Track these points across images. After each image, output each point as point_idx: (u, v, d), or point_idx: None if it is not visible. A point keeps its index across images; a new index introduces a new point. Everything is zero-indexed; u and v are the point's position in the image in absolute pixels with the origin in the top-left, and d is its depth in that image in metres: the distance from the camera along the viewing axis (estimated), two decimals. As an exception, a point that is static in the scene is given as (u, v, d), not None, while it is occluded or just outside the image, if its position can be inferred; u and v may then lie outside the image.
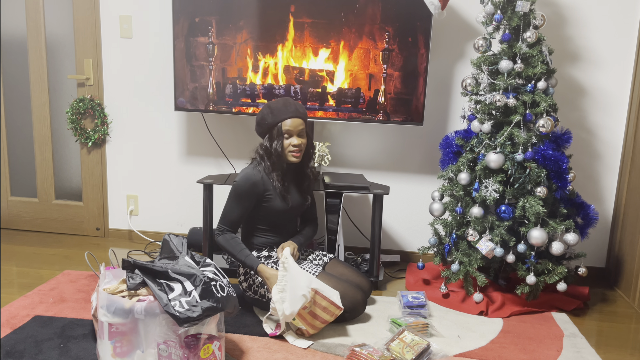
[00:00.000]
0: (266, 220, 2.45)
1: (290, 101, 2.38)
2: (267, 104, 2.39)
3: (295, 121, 2.34)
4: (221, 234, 2.39)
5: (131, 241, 3.44)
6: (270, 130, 2.36)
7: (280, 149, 2.34)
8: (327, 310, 2.20)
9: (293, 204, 2.43)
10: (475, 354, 2.19)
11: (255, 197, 2.38)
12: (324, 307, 2.19)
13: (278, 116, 2.33)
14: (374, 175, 3.20)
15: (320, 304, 2.18)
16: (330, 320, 2.22)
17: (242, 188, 2.36)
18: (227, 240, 2.37)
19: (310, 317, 2.18)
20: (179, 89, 2.99)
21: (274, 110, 2.34)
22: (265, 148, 2.37)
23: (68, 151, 3.47)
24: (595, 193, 3.08)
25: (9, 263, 3.00)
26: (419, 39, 2.79)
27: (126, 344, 1.84)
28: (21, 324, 2.24)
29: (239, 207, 2.38)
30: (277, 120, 2.33)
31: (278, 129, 2.33)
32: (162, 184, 3.38)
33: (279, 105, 2.35)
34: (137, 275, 1.86)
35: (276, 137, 2.34)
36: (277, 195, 2.38)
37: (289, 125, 2.33)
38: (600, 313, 2.68)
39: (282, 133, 2.33)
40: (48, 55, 3.33)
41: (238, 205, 2.38)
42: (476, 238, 2.52)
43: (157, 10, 3.14)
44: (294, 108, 2.35)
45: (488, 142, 2.53)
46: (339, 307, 2.21)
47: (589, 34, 2.92)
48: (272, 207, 2.40)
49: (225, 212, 2.41)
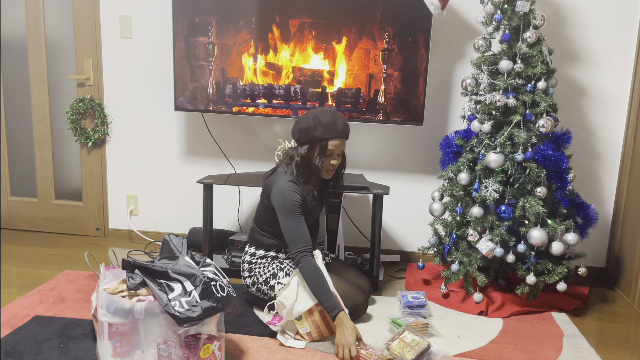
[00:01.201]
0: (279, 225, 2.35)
1: (338, 117, 2.27)
2: (316, 115, 2.25)
3: (343, 142, 2.28)
4: (304, 256, 2.18)
5: (131, 241, 3.44)
6: (313, 143, 2.25)
7: (321, 166, 2.27)
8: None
9: (313, 213, 2.40)
10: (475, 354, 2.19)
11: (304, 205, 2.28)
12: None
13: (327, 133, 2.23)
14: (374, 175, 3.20)
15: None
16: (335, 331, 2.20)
17: (295, 200, 2.24)
18: (311, 273, 2.15)
19: (322, 321, 2.17)
20: (179, 89, 2.99)
21: (324, 125, 2.23)
22: (303, 158, 2.27)
23: (68, 151, 3.47)
24: (595, 193, 3.08)
25: (9, 263, 3.00)
26: (419, 39, 2.79)
27: (126, 344, 1.84)
28: (21, 324, 2.24)
29: (301, 219, 2.24)
30: (325, 137, 2.23)
31: (323, 147, 2.24)
32: (162, 184, 3.38)
33: (329, 121, 2.23)
34: (137, 275, 1.86)
35: (319, 153, 2.25)
36: (305, 205, 2.30)
37: (336, 145, 2.25)
38: (600, 313, 2.68)
39: (326, 151, 2.25)
40: (48, 55, 3.33)
41: (299, 218, 2.24)
42: (476, 238, 2.52)
43: (157, 10, 3.14)
44: (342, 128, 2.26)
45: (488, 142, 2.53)
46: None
47: (589, 34, 2.92)
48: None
49: (294, 234, 2.22)
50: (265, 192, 2.37)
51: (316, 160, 2.26)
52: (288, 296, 2.16)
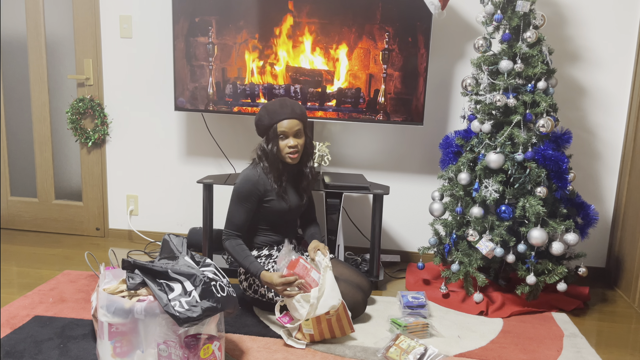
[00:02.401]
0: (266, 220, 2.45)
1: (286, 102, 2.36)
2: (264, 105, 2.38)
3: (291, 122, 2.32)
4: (228, 239, 2.37)
5: (131, 241, 3.44)
6: (267, 131, 2.35)
7: (276, 150, 2.33)
8: (342, 328, 2.20)
9: (292, 204, 2.43)
10: (475, 354, 2.18)
11: (256, 198, 2.37)
12: (342, 323, 2.20)
13: (273, 117, 2.32)
14: (374, 175, 3.20)
15: (342, 319, 2.19)
16: (338, 336, 2.21)
17: (242, 190, 2.36)
18: (233, 247, 2.35)
19: (326, 326, 2.17)
20: (179, 89, 2.99)
21: (270, 111, 2.33)
22: (262, 149, 2.37)
23: (68, 151, 3.47)
24: (595, 193, 3.08)
25: (9, 263, 3.00)
26: (419, 39, 2.79)
27: (126, 344, 1.84)
28: (21, 324, 2.24)
29: (242, 209, 2.37)
30: (273, 122, 2.32)
31: (274, 131, 2.32)
32: (162, 184, 3.38)
33: (275, 107, 2.34)
34: (137, 275, 1.86)
35: (272, 138, 2.33)
36: (275, 195, 2.38)
37: (285, 126, 2.32)
38: (600, 313, 2.68)
39: (277, 135, 2.32)
40: (48, 55, 3.33)
41: (241, 207, 2.37)
42: (476, 238, 2.52)
43: (157, 10, 3.14)
44: (289, 109, 2.33)
45: (488, 142, 2.53)
46: (352, 329, 2.23)
47: (589, 34, 2.92)
48: (271, 207, 2.39)
49: (229, 217, 2.39)
50: None
51: (271, 145, 2.34)
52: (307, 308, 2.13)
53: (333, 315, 2.16)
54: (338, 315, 2.17)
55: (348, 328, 2.22)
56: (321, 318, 2.15)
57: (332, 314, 2.15)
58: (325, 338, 2.20)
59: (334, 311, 2.14)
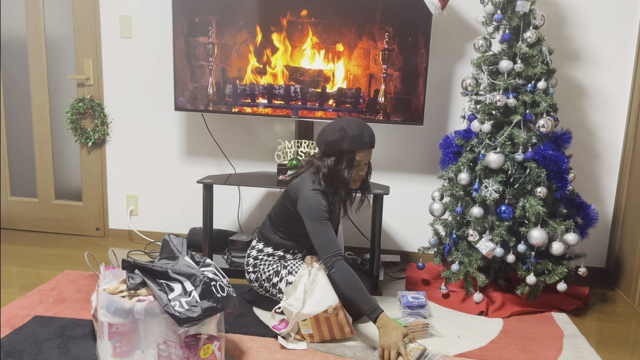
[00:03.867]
0: (296, 229, 2.35)
1: (365, 128, 2.23)
2: (342, 127, 2.21)
3: (369, 152, 2.26)
4: (336, 261, 2.14)
5: (131, 241, 3.44)
6: (340, 155, 2.22)
7: (349, 177, 2.25)
8: (342, 329, 2.20)
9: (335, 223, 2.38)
10: (475, 354, 2.18)
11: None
12: (341, 324, 2.19)
13: (354, 145, 2.19)
14: (374, 175, 3.17)
15: (340, 320, 2.19)
16: (338, 337, 2.21)
17: (322, 209, 2.21)
18: (346, 278, 2.12)
19: (325, 325, 2.17)
20: (178, 89, 2.99)
21: (351, 137, 2.19)
22: (330, 170, 2.24)
23: (68, 151, 3.47)
24: (595, 193, 3.08)
25: (9, 263, 3.00)
26: (419, 39, 2.79)
27: (126, 344, 1.84)
28: (21, 324, 2.24)
29: (328, 225, 2.21)
30: (352, 150, 2.20)
31: (350, 159, 2.22)
32: (162, 184, 3.38)
33: (355, 132, 2.19)
34: (137, 276, 1.86)
35: (347, 165, 2.22)
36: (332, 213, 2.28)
37: (362, 156, 2.24)
38: (600, 313, 2.68)
39: (354, 162, 2.22)
40: (48, 55, 3.33)
41: (327, 224, 2.21)
42: (476, 238, 2.52)
43: (157, 10, 3.14)
44: (369, 139, 2.22)
45: (488, 142, 2.53)
46: (353, 331, 2.23)
47: (589, 34, 2.92)
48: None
49: (320, 239, 2.19)
50: (289, 197, 2.33)
51: (344, 172, 2.23)
52: (293, 304, 2.15)
53: (332, 314, 2.15)
54: (338, 317, 2.17)
55: (348, 331, 2.22)
56: (320, 318, 2.15)
57: (330, 312, 2.14)
58: (325, 340, 2.20)
59: (332, 309, 2.14)
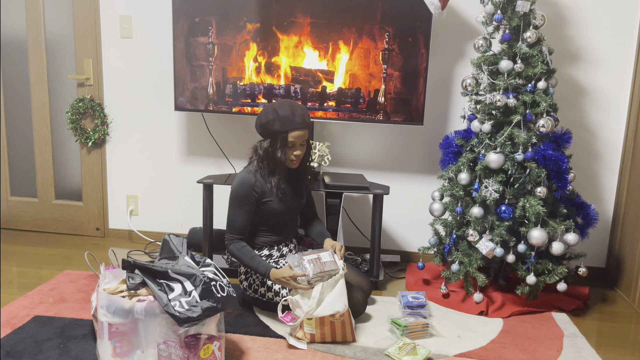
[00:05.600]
0: (265, 221, 2.44)
1: (297, 109, 2.28)
2: (274, 109, 2.27)
3: (302, 132, 2.29)
4: (231, 243, 2.35)
5: (131, 241, 3.44)
6: (274, 136, 2.28)
7: (284, 158, 2.30)
8: (345, 334, 2.20)
9: (290, 204, 2.43)
10: (475, 354, 2.18)
11: (254, 200, 2.35)
12: (345, 330, 2.20)
13: (285, 126, 2.25)
14: (374, 175, 3.20)
15: (346, 325, 2.19)
16: (339, 340, 2.21)
17: (240, 193, 2.34)
18: (239, 250, 2.33)
19: (328, 327, 2.17)
20: (179, 89, 2.99)
21: (282, 118, 2.25)
22: (266, 151, 2.32)
23: (68, 151, 3.47)
24: (595, 193, 3.08)
25: (9, 263, 3.00)
26: (419, 39, 2.79)
27: (126, 344, 1.84)
28: (21, 324, 2.24)
29: (242, 212, 2.35)
30: (284, 130, 2.25)
31: (284, 139, 2.27)
32: (162, 184, 3.38)
33: (287, 113, 2.25)
34: (137, 275, 1.86)
35: (280, 146, 2.28)
36: (274, 196, 2.37)
37: (296, 136, 2.27)
38: (600, 313, 2.68)
39: (287, 143, 2.28)
40: (48, 55, 3.33)
41: (240, 210, 2.34)
42: (476, 238, 2.52)
43: (157, 10, 3.14)
44: (302, 119, 2.27)
45: (488, 142, 2.53)
46: (355, 339, 2.23)
47: (589, 34, 2.92)
48: (270, 208, 2.38)
49: (230, 221, 2.36)
50: None
51: (278, 152, 2.29)
52: (310, 303, 2.14)
53: (338, 320, 2.16)
54: (343, 322, 2.18)
55: (350, 336, 2.21)
56: (325, 320, 2.16)
57: (336, 317, 2.15)
58: (326, 341, 2.20)
59: (339, 315, 2.15)
